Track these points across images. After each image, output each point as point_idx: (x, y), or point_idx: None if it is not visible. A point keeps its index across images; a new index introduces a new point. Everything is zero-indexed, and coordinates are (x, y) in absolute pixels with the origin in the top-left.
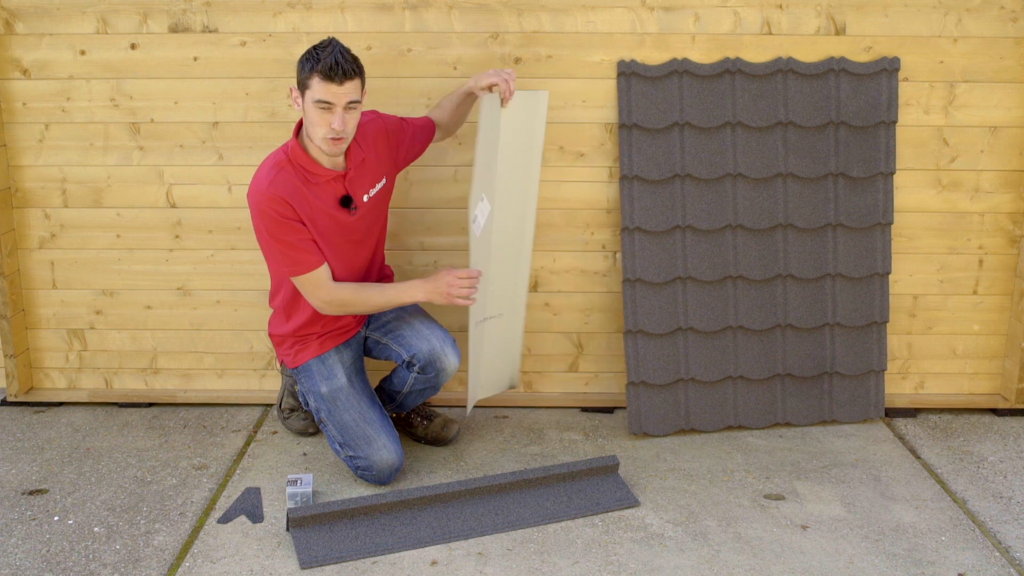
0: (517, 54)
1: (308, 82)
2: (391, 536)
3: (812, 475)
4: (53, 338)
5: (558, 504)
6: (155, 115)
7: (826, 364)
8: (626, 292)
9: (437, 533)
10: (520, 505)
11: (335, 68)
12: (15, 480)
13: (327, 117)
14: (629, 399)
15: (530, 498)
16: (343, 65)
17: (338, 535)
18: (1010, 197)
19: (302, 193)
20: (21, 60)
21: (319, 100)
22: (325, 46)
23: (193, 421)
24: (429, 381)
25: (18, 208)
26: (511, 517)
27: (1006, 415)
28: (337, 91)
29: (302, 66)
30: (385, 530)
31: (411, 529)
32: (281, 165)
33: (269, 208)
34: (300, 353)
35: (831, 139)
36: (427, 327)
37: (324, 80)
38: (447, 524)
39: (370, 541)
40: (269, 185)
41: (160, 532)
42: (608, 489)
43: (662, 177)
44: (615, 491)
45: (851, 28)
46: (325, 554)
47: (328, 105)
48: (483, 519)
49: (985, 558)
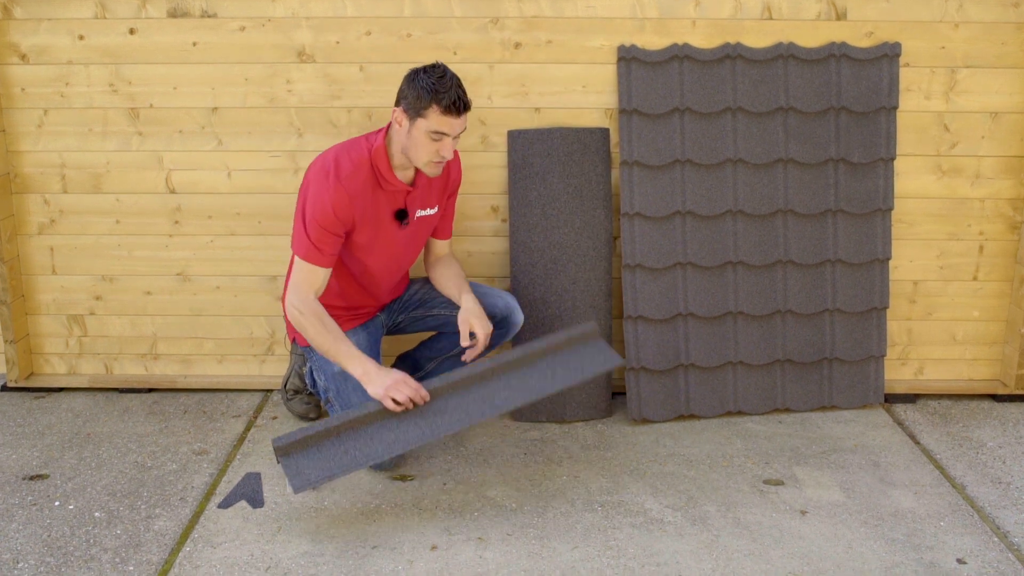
0: (517, 39)
1: (425, 112)
2: (380, 444)
3: (811, 460)
4: (53, 324)
5: (543, 380)
6: (154, 100)
7: (826, 350)
8: (626, 278)
9: (425, 431)
10: (506, 388)
11: (457, 104)
12: (16, 465)
13: (438, 146)
14: (629, 385)
15: (514, 380)
16: (463, 100)
17: (327, 454)
18: (1011, 183)
19: (367, 195)
20: (19, 45)
21: (436, 131)
22: (442, 76)
23: (193, 406)
24: (494, 339)
25: (17, 194)
26: (496, 401)
27: (1005, 401)
28: (455, 123)
29: (419, 94)
30: (374, 439)
31: (398, 434)
32: (362, 163)
33: (330, 201)
34: None
35: (832, 125)
36: (490, 288)
37: (445, 114)
38: (434, 420)
39: (360, 453)
40: (346, 179)
41: (160, 517)
42: (590, 354)
43: (662, 163)
44: (597, 355)
45: (852, 13)
46: (317, 475)
47: (443, 136)
48: (470, 408)
49: (984, 543)
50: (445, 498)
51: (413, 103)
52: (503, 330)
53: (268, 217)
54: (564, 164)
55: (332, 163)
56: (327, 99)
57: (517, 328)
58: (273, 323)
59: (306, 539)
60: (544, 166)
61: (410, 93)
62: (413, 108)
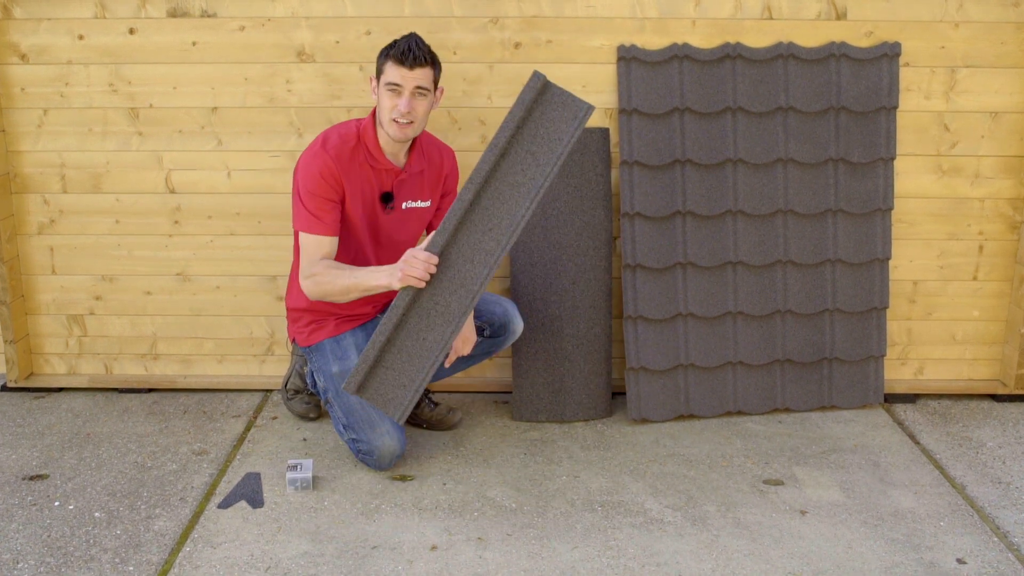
0: (517, 39)
1: (383, 67)
2: (434, 332)
3: (811, 460)
4: (53, 324)
5: (530, 170)
6: (154, 100)
7: (826, 350)
8: (626, 278)
9: (464, 296)
10: (503, 201)
11: (407, 53)
12: (15, 465)
13: (395, 100)
14: (628, 385)
15: (504, 188)
16: (415, 51)
17: (396, 368)
18: (1010, 183)
19: (355, 167)
20: (19, 45)
21: (389, 82)
22: (404, 37)
23: (193, 407)
24: (492, 346)
25: (17, 194)
26: (506, 222)
27: (1005, 401)
28: (407, 75)
29: (380, 55)
30: (422, 332)
31: (444, 312)
32: (350, 138)
33: (318, 168)
34: (315, 332)
35: (831, 124)
36: (491, 295)
37: (396, 64)
38: (465, 279)
39: (423, 350)
40: (333, 149)
41: (160, 517)
42: (555, 115)
43: (662, 162)
44: (563, 111)
45: (852, 13)
46: (403, 393)
47: (397, 88)
48: (487, 246)
49: (984, 543)
50: (445, 498)
51: (377, 67)
52: (501, 338)
53: (268, 217)
54: (564, 164)
55: (321, 138)
56: (327, 99)
57: (516, 336)
58: (273, 323)
59: (306, 539)
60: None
61: (377, 60)
62: (377, 71)
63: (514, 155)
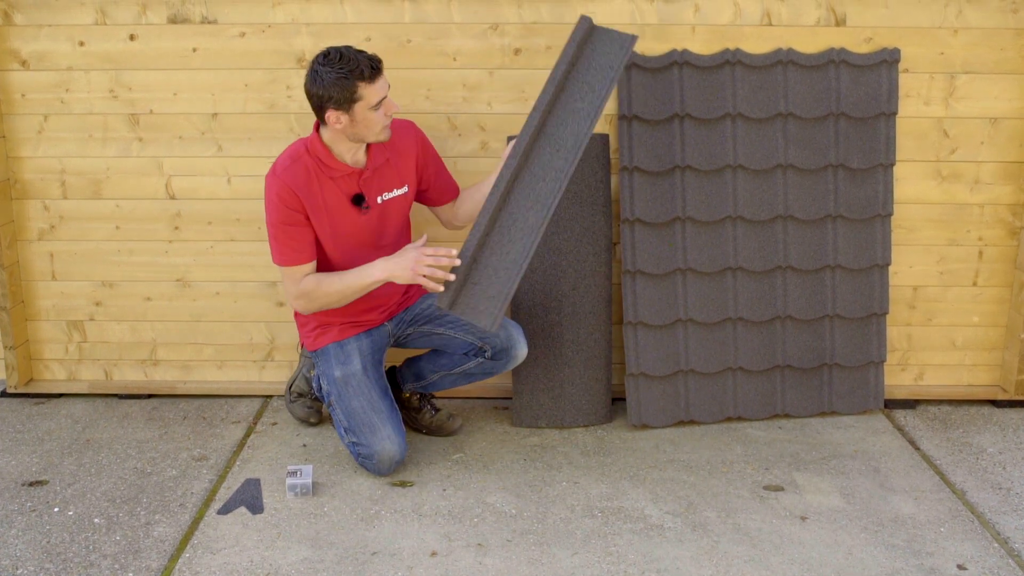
0: (517, 45)
1: (356, 94)
2: (515, 239)
3: (811, 466)
4: (53, 330)
5: (584, 99)
6: (154, 106)
7: (826, 355)
8: (626, 283)
9: (542, 208)
10: (563, 127)
11: (374, 66)
12: (15, 471)
13: (384, 109)
14: (628, 390)
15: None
16: (374, 60)
17: (484, 281)
18: (1010, 189)
19: (313, 186)
20: (20, 51)
21: (375, 103)
22: (340, 57)
23: (193, 412)
24: (493, 368)
25: (17, 200)
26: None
27: (1005, 406)
28: (383, 84)
29: (340, 86)
30: (504, 242)
31: (504, 241)
32: (299, 155)
33: (276, 194)
34: (321, 337)
35: (831, 130)
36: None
37: (372, 82)
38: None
39: (507, 261)
40: (283, 172)
41: (160, 523)
42: (604, 47)
43: (662, 168)
44: (611, 43)
45: (851, 19)
46: (492, 304)
47: (382, 100)
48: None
49: (984, 549)
50: (445, 504)
51: (340, 97)
52: (501, 361)
53: None
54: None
55: (272, 168)
56: None
57: (518, 362)
58: (273, 329)
59: (306, 545)
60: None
61: (332, 93)
62: (345, 100)
63: (572, 86)
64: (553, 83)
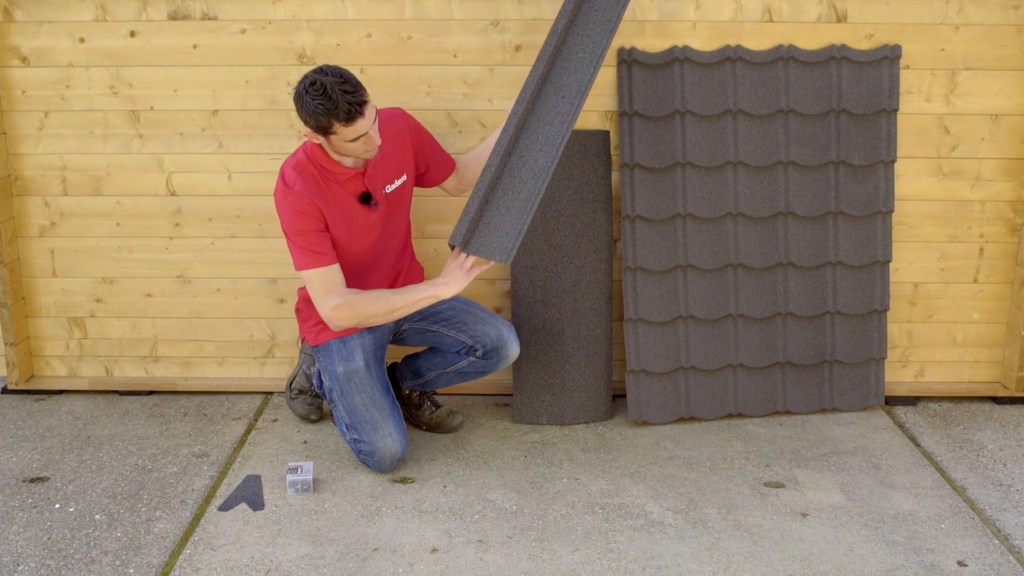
0: (517, 41)
1: (332, 129)
2: (524, 182)
3: (812, 463)
4: (53, 326)
5: (585, 50)
6: (155, 103)
7: (826, 352)
8: (626, 280)
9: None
10: (566, 75)
11: (352, 110)
12: (16, 468)
13: (363, 142)
14: (629, 387)
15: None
16: (357, 101)
17: (497, 219)
18: (1011, 185)
19: (325, 192)
20: (20, 48)
21: (351, 139)
22: (322, 91)
23: (193, 409)
24: (486, 367)
25: (18, 196)
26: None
27: (1006, 403)
28: (363, 122)
29: (315, 119)
30: (516, 181)
31: (516, 182)
32: (302, 166)
33: (293, 207)
34: (323, 332)
35: (832, 127)
36: (490, 315)
37: (349, 124)
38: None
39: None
40: (294, 184)
41: (161, 519)
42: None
43: (663, 165)
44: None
45: (852, 15)
46: (506, 240)
47: (363, 135)
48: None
49: (984, 546)
50: (445, 500)
51: (315, 126)
52: (492, 361)
53: (268, 219)
54: (564, 166)
55: (279, 180)
56: None
57: (509, 361)
58: (273, 325)
59: (306, 541)
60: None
61: (308, 119)
62: (320, 128)
63: (572, 38)
64: (554, 35)
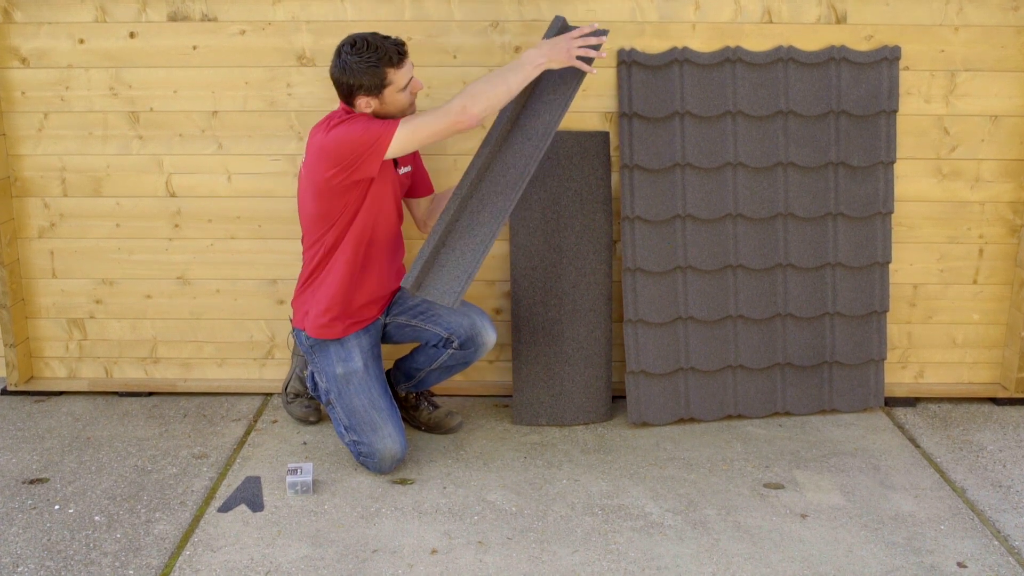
0: (517, 43)
1: (386, 79)
2: (482, 225)
3: (811, 464)
4: (53, 327)
5: (556, 91)
6: (154, 104)
7: (826, 353)
8: (626, 281)
9: (509, 190)
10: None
11: (400, 49)
12: (16, 469)
13: (411, 87)
14: (629, 388)
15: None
16: (397, 41)
17: (449, 264)
18: (1010, 186)
19: None
20: (20, 49)
21: (405, 84)
22: (367, 45)
23: (193, 410)
24: (466, 357)
25: (17, 197)
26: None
27: (1005, 404)
28: (409, 64)
29: (371, 73)
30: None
31: (488, 207)
32: (352, 112)
33: (365, 117)
34: (325, 329)
35: (832, 128)
36: (465, 305)
37: (399, 67)
38: (504, 176)
39: (473, 244)
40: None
41: (160, 521)
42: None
43: (662, 166)
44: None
45: (852, 17)
46: (455, 284)
47: (410, 80)
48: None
49: (984, 547)
50: (445, 502)
51: (371, 84)
52: (470, 350)
53: (268, 221)
54: (564, 167)
55: (336, 113)
56: (327, 103)
57: (487, 349)
58: (273, 327)
59: (306, 543)
60: (544, 169)
61: (362, 80)
62: (375, 87)
63: (544, 79)
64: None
